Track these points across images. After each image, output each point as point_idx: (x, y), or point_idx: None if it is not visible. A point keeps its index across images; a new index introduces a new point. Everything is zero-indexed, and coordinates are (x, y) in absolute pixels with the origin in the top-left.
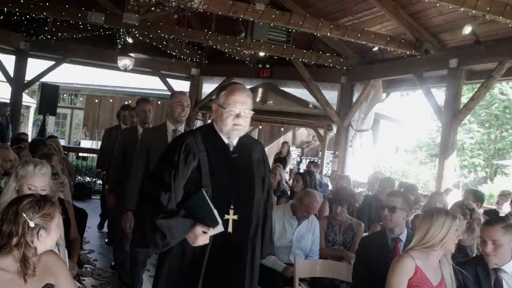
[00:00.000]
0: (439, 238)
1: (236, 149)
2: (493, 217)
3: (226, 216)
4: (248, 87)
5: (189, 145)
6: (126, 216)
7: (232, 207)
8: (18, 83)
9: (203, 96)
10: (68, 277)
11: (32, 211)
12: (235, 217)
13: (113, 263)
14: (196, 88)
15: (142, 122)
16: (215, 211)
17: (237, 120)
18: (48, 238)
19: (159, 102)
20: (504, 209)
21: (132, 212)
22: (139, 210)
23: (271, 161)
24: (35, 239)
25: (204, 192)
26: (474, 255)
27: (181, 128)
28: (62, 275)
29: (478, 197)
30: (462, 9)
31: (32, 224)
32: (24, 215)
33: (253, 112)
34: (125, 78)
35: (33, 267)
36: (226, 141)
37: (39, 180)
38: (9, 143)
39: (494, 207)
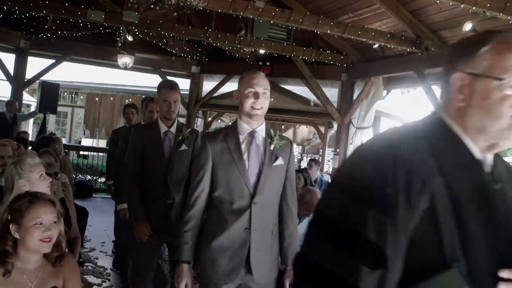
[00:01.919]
0: None
1: (497, 172)
2: None
3: None
4: None
5: (415, 166)
6: (180, 270)
7: None
8: (18, 81)
9: (203, 94)
10: (78, 284)
11: (11, 203)
12: None
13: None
14: (196, 85)
15: (166, 118)
16: None
17: None
18: (27, 235)
19: None
20: None
21: (189, 263)
22: None
23: None
24: (10, 234)
25: (458, 272)
26: None
27: (261, 130)
28: (72, 281)
29: None
30: (462, 5)
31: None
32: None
33: None
34: (125, 76)
35: (11, 265)
36: (477, 155)
37: (40, 167)
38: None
39: None
